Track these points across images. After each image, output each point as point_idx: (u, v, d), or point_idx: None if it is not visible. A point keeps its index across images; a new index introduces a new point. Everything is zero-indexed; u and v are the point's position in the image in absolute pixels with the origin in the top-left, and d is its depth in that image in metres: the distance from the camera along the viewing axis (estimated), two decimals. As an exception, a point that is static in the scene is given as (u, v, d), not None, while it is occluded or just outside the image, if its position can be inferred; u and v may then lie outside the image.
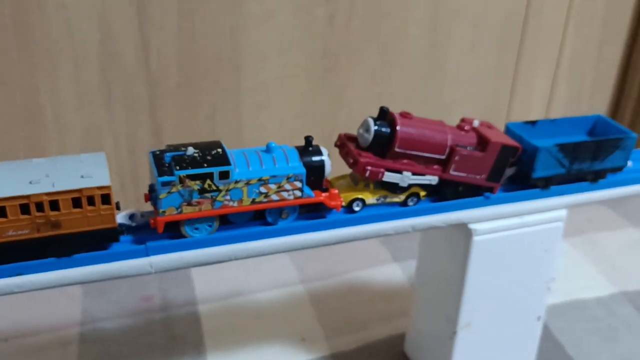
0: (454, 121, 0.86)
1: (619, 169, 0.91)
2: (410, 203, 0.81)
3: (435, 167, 0.81)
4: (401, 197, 0.81)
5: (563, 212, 0.88)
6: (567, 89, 1.62)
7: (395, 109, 1.44)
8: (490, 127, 0.86)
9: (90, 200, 0.65)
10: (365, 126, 0.79)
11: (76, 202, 0.65)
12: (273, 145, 0.75)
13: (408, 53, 1.39)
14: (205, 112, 1.28)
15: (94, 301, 1.14)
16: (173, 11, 1.17)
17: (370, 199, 0.80)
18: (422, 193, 0.82)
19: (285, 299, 1.19)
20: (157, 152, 0.72)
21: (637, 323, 1.18)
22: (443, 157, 0.81)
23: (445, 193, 0.83)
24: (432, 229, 0.82)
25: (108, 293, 1.16)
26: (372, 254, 1.35)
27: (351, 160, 0.78)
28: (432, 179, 0.81)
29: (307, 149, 0.77)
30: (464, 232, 0.84)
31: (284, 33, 1.26)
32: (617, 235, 1.50)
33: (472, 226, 0.83)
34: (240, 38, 1.23)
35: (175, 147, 0.71)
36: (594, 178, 0.90)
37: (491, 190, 0.84)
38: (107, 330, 1.08)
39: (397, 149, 0.78)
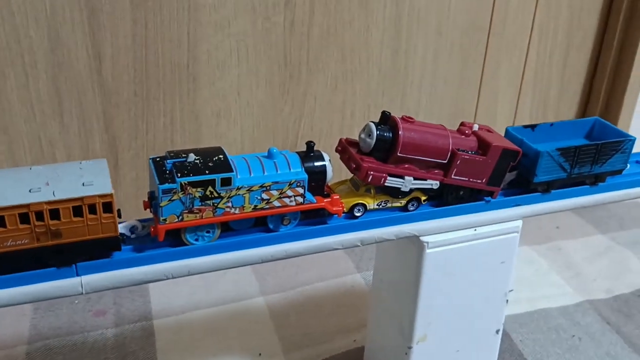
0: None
1: (618, 172, 0.91)
2: (411, 208, 0.81)
3: (437, 171, 0.81)
4: (402, 202, 0.81)
5: (518, 223, 0.86)
6: (533, 96, 1.61)
7: (357, 118, 1.43)
8: (490, 131, 0.86)
9: (92, 209, 0.64)
10: (367, 131, 0.78)
11: (77, 211, 0.64)
12: (275, 150, 0.74)
13: (370, 60, 1.37)
14: (163, 121, 1.25)
15: (43, 317, 1.11)
16: (126, 19, 1.14)
17: (371, 204, 0.79)
18: (423, 197, 0.82)
19: (244, 313, 1.17)
20: (157, 159, 0.70)
21: (601, 332, 1.17)
22: (444, 161, 0.80)
23: (447, 197, 0.83)
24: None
25: (59, 308, 1.13)
26: (336, 264, 1.33)
27: (353, 165, 0.77)
28: (434, 184, 0.81)
29: (309, 154, 0.76)
30: (416, 244, 0.82)
31: (241, 41, 1.24)
32: (584, 242, 1.49)
33: (424, 239, 0.81)
34: (197, 46, 1.21)
35: (176, 154, 0.70)
36: (593, 182, 0.90)
37: (492, 194, 0.84)
38: (55, 349, 1.04)
39: (399, 154, 0.77)
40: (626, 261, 1.41)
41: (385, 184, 0.78)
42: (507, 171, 0.83)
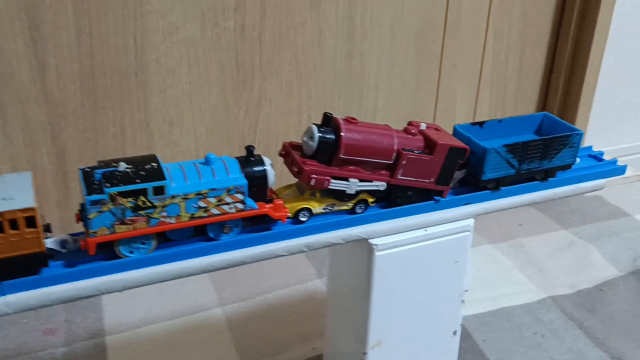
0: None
1: (568, 166, 0.90)
2: (358, 210, 0.79)
3: (383, 172, 0.79)
4: (349, 205, 0.78)
5: (470, 222, 0.84)
6: (491, 94, 1.61)
7: (314, 121, 1.41)
8: (437, 129, 0.84)
9: (14, 224, 0.61)
10: (309, 133, 0.76)
11: None
12: (212, 156, 0.71)
13: (325, 63, 1.35)
14: (113, 131, 1.22)
15: (-9, 339, 1.07)
16: (70, 28, 1.11)
17: (317, 208, 0.77)
18: (371, 199, 0.79)
19: (201, 325, 1.14)
20: (87, 169, 0.67)
21: (564, 328, 1.16)
22: (390, 162, 0.78)
23: (395, 198, 0.81)
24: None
25: (7, 327, 1.09)
26: (298, 270, 1.30)
27: (296, 169, 0.75)
28: (380, 185, 0.79)
29: (249, 159, 0.73)
30: (365, 248, 0.80)
31: (191, 47, 1.21)
32: (547, 238, 1.49)
33: (373, 241, 0.79)
34: (145, 53, 1.18)
35: (107, 163, 0.67)
36: (544, 177, 0.89)
37: (441, 193, 0.83)
38: (2, 370, 1.00)
39: (342, 156, 0.75)
40: (589, 255, 1.41)
41: (330, 187, 0.75)
42: (456, 169, 0.82)
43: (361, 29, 1.36)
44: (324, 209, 0.78)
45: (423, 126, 0.83)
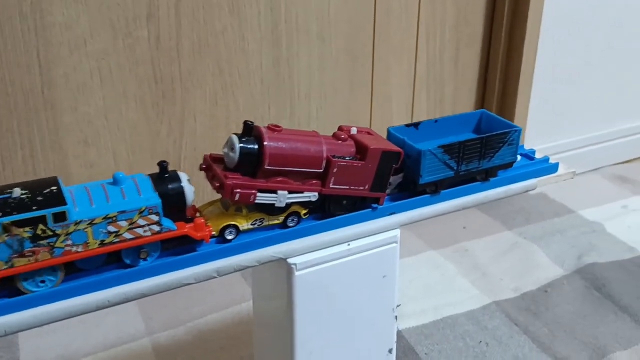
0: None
1: (508, 165, 0.85)
2: (290, 224, 0.73)
3: (314, 182, 0.73)
4: (280, 219, 0.73)
5: (396, 232, 0.79)
6: (428, 95, 1.57)
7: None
8: (370, 133, 0.79)
9: None
10: (229, 144, 0.70)
11: None
12: (120, 175, 0.65)
13: (250, 71, 1.29)
14: (22, 154, 1.13)
15: None
16: (-37, 44, 1.03)
17: (244, 224, 0.71)
18: (303, 211, 0.74)
19: (127, 357, 1.06)
20: None
21: (509, 335, 1.12)
22: (320, 170, 0.73)
23: (329, 208, 0.75)
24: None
25: None
26: (232, 291, 1.23)
27: (217, 184, 0.69)
28: (312, 196, 0.73)
29: (162, 175, 0.67)
30: (284, 268, 0.73)
31: (102, 60, 1.14)
32: (491, 241, 1.45)
33: (292, 260, 0.73)
34: (50, 69, 1.10)
35: (0, 189, 0.60)
36: (484, 177, 0.84)
37: (377, 200, 0.77)
38: None
39: (267, 167, 0.70)
40: (533, 256, 1.38)
41: (257, 202, 0.70)
42: (391, 174, 0.77)
43: (287, 34, 1.30)
44: (252, 224, 0.72)
45: (354, 130, 0.78)
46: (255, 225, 0.72)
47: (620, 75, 1.81)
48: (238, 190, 0.68)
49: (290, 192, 0.71)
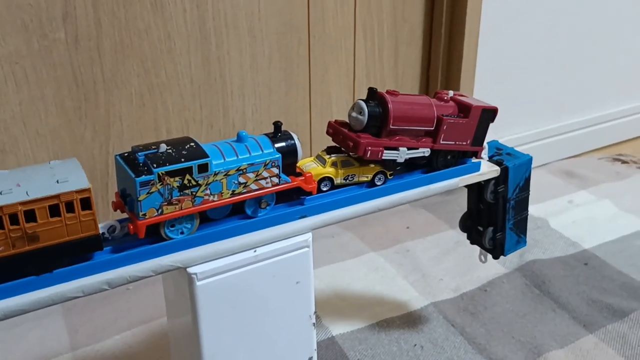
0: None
1: None
2: (378, 182, 0.81)
3: (425, 139, 0.83)
4: (368, 176, 0.81)
5: (308, 236, 0.76)
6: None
7: (175, 135, 1.30)
8: (462, 95, 0.89)
9: (69, 207, 0.60)
10: (357, 109, 0.79)
11: (54, 210, 0.59)
12: (244, 134, 0.72)
13: (178, 71, 1.25)
14: None
15: None
16: None
17: (338, 179, 0.80)
18: (389, 172, 0.82)
19: (45, 375, 1.01)
20: (125, 154, 0.67)
21: (444, 336, 1.09)
22: (432, 128, 0.83)
23: (436, 163, 0.85)
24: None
25: None
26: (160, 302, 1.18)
27: (351, 144, 0.78)
28: (425, 151, 0.83)
29: (277, 135, 0.75)
30: (185, 277, 0.69)
31: (16, 64, 1.08)
32: (433, 240, 1.43)
33: (192, 270, 0.69)
34: (-41, 73, 1.04)
35: (145, 147, 0.67)
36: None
37: (476, 154, 0.88)
38: None
39: (392, 127, 0.79)
40: (475, 255, 1.35)
41: (383, 158, 0.79)
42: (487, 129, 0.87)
43: (215, 32, 1.26)
44: (345, 179, 0.80)
45: (451, 93, 0.88)
46: (347, 181, 0.80)
47: (565, 69, 1.81)
48: (369, 148, 0.77)
49: (408, 149, 0.81)
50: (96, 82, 1.17)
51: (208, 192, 0.68)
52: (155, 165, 0.64)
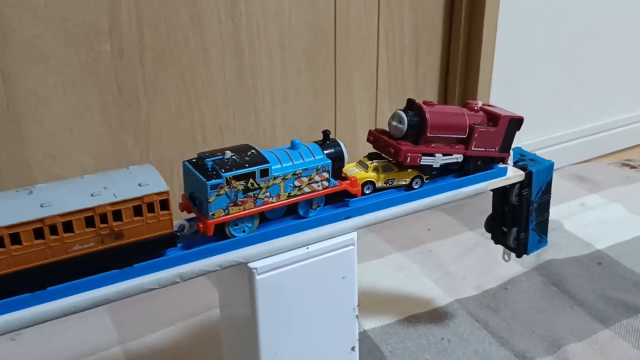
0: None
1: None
2: (415, 186, 0.88)
3: (458, 146, 0.90)
4: (406, 180, 0.87)
5: (353, 235, 0.82)
6: (390, 99, 1.61)
7: (210, 142, 1.37)
8: (490, 106, 0.95)
9: (150, 207, 0.67)
10: (397, 118, 0.86)
11: (137, 210, 0.67)
12: (297, 141, 0.79)
13: (214, 81, 1.31)
14: (-13, 169, 1.14)
15: None
16: None
17: (379, 183, 0.86)
18: (425, 176, 0.89)
19: (97, 366, 1.07)
20: (193, 160, 0.74)
21: (470, 330, 1.16)
22: (464, 136, 0.90)
23: (468, 167, 0.92)
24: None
25: None
26: (201, 297, 1.25)
27: (392, 151, 0.86)
28: (458, 157, 0.90)
29: (325, 142, 0.82)
30: (246, 272, 0.76)
31: (65, 74, 1.15)
32: (454, 241, 1.49)
33: (252, 265, 0.75)
34: (14, 84, 1.11)
35: (211, 153, 0.74)
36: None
37: (503, 160, 0.95)
38: None
39: (429, 134, 0.86)
40: (494, 255, 1.42)
41: (421, 163, 0.86)
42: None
43: (248, 43, 1.33)
44: (385, 183, 0.86)
45: (480, 104, 0.95)
46: (387, 184, 0.87)
47: (577, 78, 1.87)
48: (409, 154, 0.84)
49: (443, 155, 0.88)
50: (138, 91, 1.24)
51: (268, 194, 0.75)
52: (223, 170, 0.71)
